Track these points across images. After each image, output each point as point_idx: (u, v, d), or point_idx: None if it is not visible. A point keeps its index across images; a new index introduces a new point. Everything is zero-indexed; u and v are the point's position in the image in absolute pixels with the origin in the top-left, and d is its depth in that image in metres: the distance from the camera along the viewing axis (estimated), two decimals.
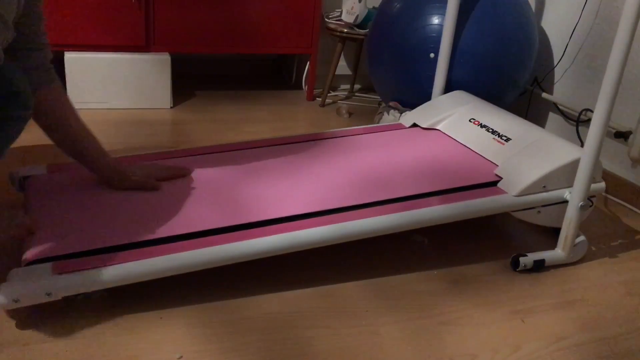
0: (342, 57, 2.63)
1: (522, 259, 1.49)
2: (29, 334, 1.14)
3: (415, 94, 2.11)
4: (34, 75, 1.25)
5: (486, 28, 2.04)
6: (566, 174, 1.51)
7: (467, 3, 2.03)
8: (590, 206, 1.55)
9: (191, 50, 2.40)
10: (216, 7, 2.34)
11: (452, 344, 1.23)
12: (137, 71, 2.28)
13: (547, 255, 1.53)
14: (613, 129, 1.99)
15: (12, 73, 1.14)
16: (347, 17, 2.51)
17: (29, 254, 1.19)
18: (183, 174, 1.52)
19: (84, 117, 1.39)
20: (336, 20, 2.57)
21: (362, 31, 2.49)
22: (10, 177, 1.50)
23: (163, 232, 1.29)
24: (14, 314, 1.18)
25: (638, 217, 1.89)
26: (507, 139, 1.67)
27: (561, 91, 2.30)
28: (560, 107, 2.29)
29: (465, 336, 1.26)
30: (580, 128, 2.17)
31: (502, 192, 1.52)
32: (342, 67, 2.79)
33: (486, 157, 1.67)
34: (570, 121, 2.25)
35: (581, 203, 1.47)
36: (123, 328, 1.18)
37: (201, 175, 1.54)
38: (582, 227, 1.56)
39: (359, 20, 2.48)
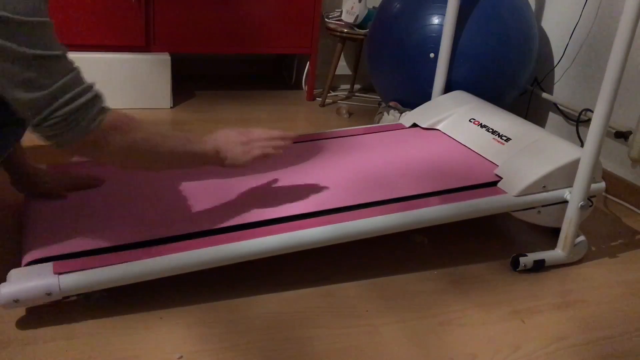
0: (342, 57, 2.63)
1: (522, 259, 1.49)
2: (29, 334, 1.14)
3: (415, 94, 2.11)
4: None
5: (486, 28, 2.04)
6: (566, 174, 1.51)
7: (467, 3, 2.03)
8: (590, 206, 1.55)
9: (191, 50, 2.40)
10: (216, 7, 2.34)
11: (452, 344, 1.23)
12: (137, 71, 2.28)
13: (547, 255, 1.53)
14: (613, 129, 1.99)
15: None
16: (347, 17, 2.51)
17: (29, 254, 1.19)
18: (95, 185, 1.46)
19: None
20: (336, 20, 2.58)
21: (362, 31, 2.49)
22: None
23: (163, 232, 1.29)
24: (14, 314, 1.18)
25: (638, 217, 1.89)
26: (507, 139, 1.67)
27: (561, 91, 2.30)
28: (560, 107, 2.29)
29: (465, 336, 1.26)
30: (580, 128, 2.17)
31: (502, 192, 1.52)
32: (342, 67, 2.79)
33: (486, 157, 1.67)
34: (570, 121, 2.25)
35: (581, 203, 1.47)
36: (123, 328, 1.18)
37: (201, 175, 1.54)
38: (582, 227, 1.56)
39: (359, 20, 2.48)
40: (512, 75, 2.12)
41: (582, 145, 1.51)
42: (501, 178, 1.55)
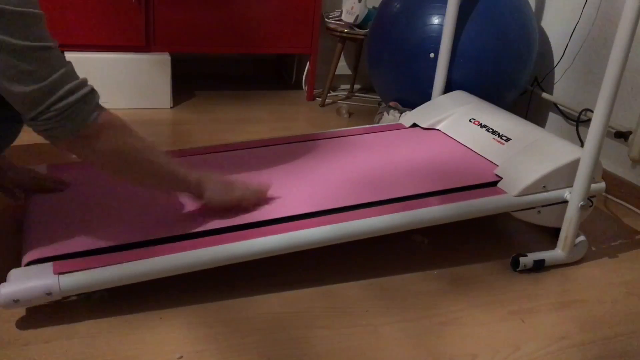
0: (342, 57, 2.63)
1: (522, 259, 1.49)
2: (29, 334, 1.14)
3: (415, 94, 2.11)
4: None
5: (486, 28, 2.04)
6: (566, 174, 1.51)
7: (467, 3, 2.03)
8: (590, 206, 1.55)
9: (191, 50, 2.40)
10: (216, 7, 2.34)
11: (452, 344, 1.23)
12: (137, 71, 2.28)
13: (547, 255, 1.53)
14: (613, 129, 1.99)
15: None
16: (347, 17, 2.51)
17: (29, 254, 1.19)
18: (58, 189, 1.42)
19: None
20: (336, 20, 2.57)
21: (362, 31, 2.49)
22: None
23: (163, 232, 1.29)
24: (14, 314, 1.18)
25: (638, 217, 1.89)
26: (507, 139, 1.67)
27: (561, 91, 2.30)
28: (560, 107, 2.29)
29: (465, 336, 1.26)
30: (580, 128, 2.17)
31: (502, 192, 1.52)
32: (342, 67, 2.79)
33: (486, 157, 1.67)
34: (570, 121, 2.25)
35: (581, 203, 1.47)
36: (123, 328, 1.18)
37: None
38: (582, 227, 1.56)
39: (359, 20, 2.48)
40: (512, 75, 2.12)
41: (582, 145, 1.51)
42: (501, 178, 1.55)
